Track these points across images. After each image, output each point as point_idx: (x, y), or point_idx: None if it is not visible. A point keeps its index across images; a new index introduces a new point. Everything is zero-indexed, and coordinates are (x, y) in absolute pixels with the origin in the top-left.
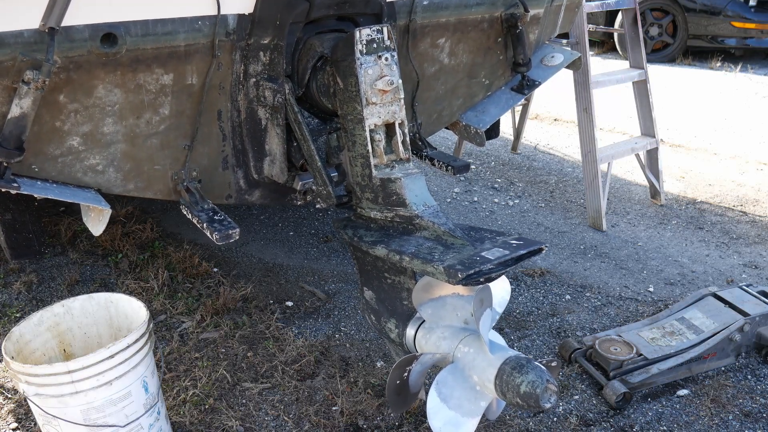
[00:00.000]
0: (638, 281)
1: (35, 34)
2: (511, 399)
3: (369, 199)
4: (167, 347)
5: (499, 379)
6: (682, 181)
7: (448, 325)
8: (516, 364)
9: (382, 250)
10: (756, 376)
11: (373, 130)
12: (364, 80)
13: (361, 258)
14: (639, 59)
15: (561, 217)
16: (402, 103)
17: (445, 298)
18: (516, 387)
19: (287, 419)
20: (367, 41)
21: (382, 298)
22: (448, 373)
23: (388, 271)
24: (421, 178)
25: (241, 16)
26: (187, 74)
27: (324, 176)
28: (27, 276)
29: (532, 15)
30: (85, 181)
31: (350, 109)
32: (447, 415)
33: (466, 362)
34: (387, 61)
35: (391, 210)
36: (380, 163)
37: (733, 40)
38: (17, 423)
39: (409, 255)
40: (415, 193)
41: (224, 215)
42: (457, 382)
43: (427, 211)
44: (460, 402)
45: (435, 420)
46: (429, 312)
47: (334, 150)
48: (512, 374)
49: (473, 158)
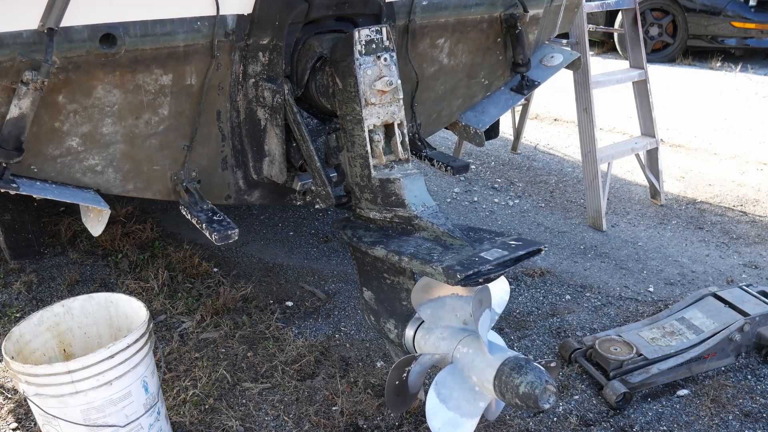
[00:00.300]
0: (638, 281)
1: (34, 35)
2: (510, 399)
3: (368, 200)
4: (167, 347)
5: (498, 380)
6: (682, 181)
7: (447, 325)
8: (515, 364)
9: (381, 250)
10: (756, 376)
11: (372, 131)
12: (363, 81)
13: (360, 258)
14: (639, 59)
15: (561, 217)
16: (401, 104)
17: (444, 299)
18: (515, 388)
19: (287, 419)
20: (366, 42)
21: (381, 299)
22: (447, 373)
23: (387, 272)
24: (420, 178)
25: (240, 16)
26: (186, 75)
27: (323, 176)
28: (27, 276)
29: (532, 15)
30: (84, 181)
31: (349, 110)
32: (446, 416)
33: (465, 363)
34: (386, 62)
35: (390, 210)
36: (379, 163)
37: (733, 40)
38: (17, 423)
39: (408, 255)
40: (414, 193)
41: (223, 216)
42: (456, 383)
43: (426, 212)
44: (459, 402)
45: (434, 420)
46: (428, 312)
47: (333, 150)
48: (511, 375)
49: (473, 158)
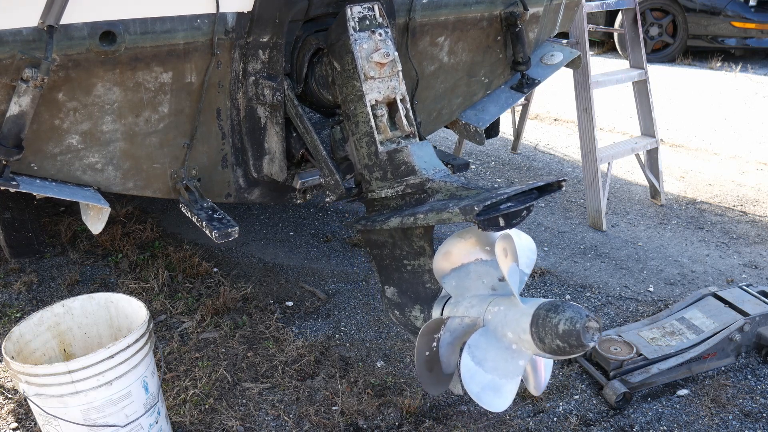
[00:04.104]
0: (638, 281)
1: (34, 32)
2: (551, 344)
3: (378, 178)
4: (167, 347)
5: (534, 326)
6: (682, 181)
7: (474, 294)
8: (551, 306)
9: (396, 219)
10: (756, 376)
11: (375, 106)
12: (359, 55)
13: (378, 254)
14: (639, 59)
15: (561, 217)
16: (401, 77)
17: (468, 266)
18: (554, 327)
19: (287, 419)
20: (359, 18)
21: (404, 289)
22: (479, 335)
23: (406, 258)
24: (428, 144)
25: (240, 14)
26: (186, 72)
27: (330, 165)
28: (27, 276)
29: (532, 13)
30: (84, 179)
31: (350, 89)
32: (484, 379)
33: (497, 321)
34: (381, 36)
35: (402, 182)
36: (385, 139)
37: (733, 40)
38: (17, 423)
39: (423, 212)
40: (423, 159)
41: (224, 214)
42: (490, 344)
43: (438, 174)
44: (497, 363)
45: (471, 385)
46: (453, 284)
47: (339, 143)
48: (548, 316)
49: (473, 158)
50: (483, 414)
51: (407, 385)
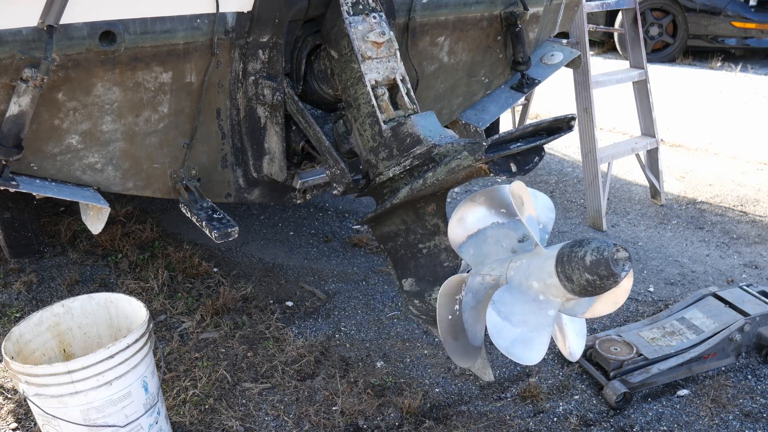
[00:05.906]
0: (638, 281)
1: (34, 32)
2: (579, 280)
3: (385, 158)
4: (167, 347)
5: (560, 265)
6: (682, 181)
7: (495, 260)
8: (574, 243)
9: (405, 190)
10: (756, 376)
11: (375, 86)
12: (355, 37)
13: (392, 247)
14: (639, 59)
15: (561, 217)
16: (398, 57)
17: (485, 231)
18: (581, 261)
19: (287, 419)
20: (352, 3)
21: (422, 275)
22: (503, 291)
23: (421, 241)
24: (431, 114)
25: (240, 14)
26: (186, 72)
27: (334, 155)
28: (27, 276)
29: (532, 13)
30: (84, 179)
31: (349, 74)
32: (512, 333)
33: (520, 275)
34: (375, 19)
35: (408, 155)
36: (388, 118)
37: (733, 40)
38: (17, 423)
39: (432, 172)
40: (428, 128)
41: (223, 213)
42: (516, 297)
43: (444, 140)
44: (525, 317)
45: (499, 339)
46: (471, 252)
47: (343, 136)
48: (572, 251)
49: None
50: (483, 414)
51: (407, 385)
